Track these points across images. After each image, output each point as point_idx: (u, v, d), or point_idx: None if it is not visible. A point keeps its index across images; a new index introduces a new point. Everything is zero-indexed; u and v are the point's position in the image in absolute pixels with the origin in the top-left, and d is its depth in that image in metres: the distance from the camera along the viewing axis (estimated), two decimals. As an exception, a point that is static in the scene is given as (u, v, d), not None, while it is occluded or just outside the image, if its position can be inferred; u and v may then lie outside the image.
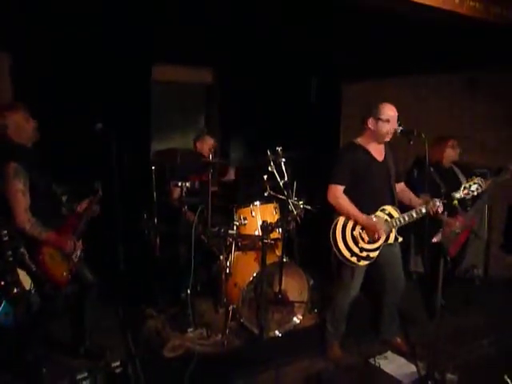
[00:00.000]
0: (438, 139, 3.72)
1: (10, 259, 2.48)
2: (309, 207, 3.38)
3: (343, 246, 2.77)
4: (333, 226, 2.79)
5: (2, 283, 2.47)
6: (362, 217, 2.77)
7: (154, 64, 4.41)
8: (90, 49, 3.90)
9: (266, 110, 4.82)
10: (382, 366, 2.86)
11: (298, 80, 5.07)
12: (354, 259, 2.78)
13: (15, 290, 2.47)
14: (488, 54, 3.81)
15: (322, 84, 5.26)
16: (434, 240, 3.29)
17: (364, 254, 2.79)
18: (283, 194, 3.28)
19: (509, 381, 2.05)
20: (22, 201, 2.46)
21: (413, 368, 2.82)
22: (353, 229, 2.80)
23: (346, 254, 2.77)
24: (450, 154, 3.67)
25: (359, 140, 2.88)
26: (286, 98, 4.93)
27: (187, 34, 3.88)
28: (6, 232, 2.48)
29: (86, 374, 2.55)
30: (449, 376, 2.57)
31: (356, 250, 2.78)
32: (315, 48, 4.21)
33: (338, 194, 2.78)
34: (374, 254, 2.82)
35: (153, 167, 3.29)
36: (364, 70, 4.82)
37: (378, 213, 2.82)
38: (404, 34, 3.71)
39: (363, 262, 2.80)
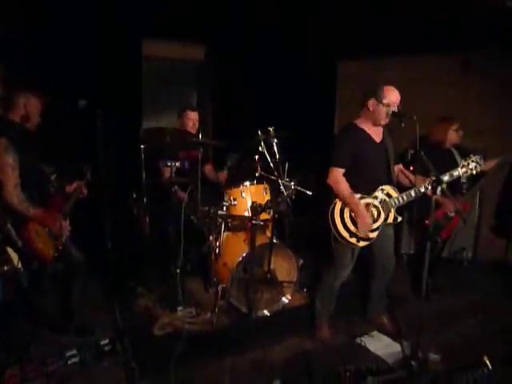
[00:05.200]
0: (442, 120, 3.68)
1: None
2: (300, 188, 3.36)
3: (342, 227, 2.77)
4: (331, 208, 2.79)
5: (-8, 261, 2.48)
6: (356, 206, 2.75)
7: (144, 38, 4.30)
8: (78, 21, 3.80)
9: (258, 88, 4.75)
10: (367, 345, 2.90)
11: (291, 57, 4.97)
12: (353, 240, 2.78)
13: (5, 268, 2.48)
14: (482, 33, 3.74)
15: (315, 63, 5.16)
16: (427, 222, 3.30)
17: (363, 234, 2.79)
18: (274, 175, 3.26)
19: (487, 362, 2.09)
20: (11, 176, 2.47)
21: (398, 347, 2.87)
22: (351, 210, 2.79)
23: (345, 235, 2.77)
24: (453, 136, 3.65)
25: (357, 121, 2.86)
26: (279, 76, 4.85)
27: (178, 7, 3.78)
28: (-5, 211, 2.48)
29: (75, 351, 2.59)
30: (432, 355, 2.62)
31: (355, 230, 2.78)
32: (308, 25, 4.12)
33: (338, 177, 2.77)
34: (373, 234, 2.82)
35: (142, 146, 3.24)
36: (359, 49, 4.74)
37: (376, 193, 2.82)
38: (398, 12, 3.64)
39: (363, 243, 2.81)
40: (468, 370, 2.09)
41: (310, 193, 3.33)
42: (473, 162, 2.88)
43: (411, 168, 3.17)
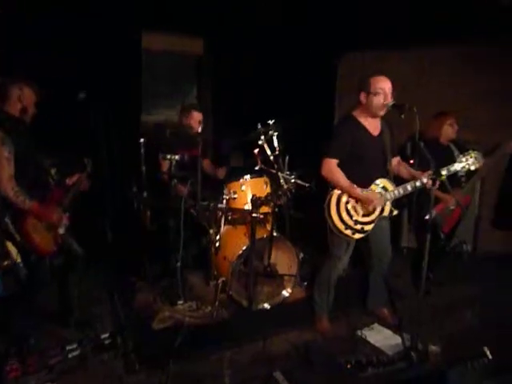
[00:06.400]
0: (437, 115, 3.66)
1: (-1, 232, 2.47)
2: (300, 181, 3.34)
3: (338, 219, 2.77)
4: (327, 200, 2.78)
5: (-8, 256, 2.47)
6: (355, 190, 2.75)
7: (143, 32, 4.28)
8: (78, 15, 3.78)
9: (258, 81, 4.72)
10: (367, 338, 2.91)
11: (290, 50, 4.94)
12: (348, 232, 2.78)
13: (6, 263, 2.47)
14: (488, 27, 3.71)
15: (316, 56, 5.13)
16: (427, 218, 3.29)
17: (358, 226, 2.79)
18: (274, 168, 3.25)
19: (487, 352, 2.10)
20: (6, 168, 2.45)
21: (398, 339, 2.86)
22: (347, 202, 2.79)
23: (341, 227, 2.77)
24: (448, 131, 3.62)
25: (355, 113, 2.85)
26: (278, 68, 4.82)
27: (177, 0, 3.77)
28: (-8, 205, 2.47)
29: (75, 346, 2.59)
30: (431, 347, 2.62)
31: (350, 223, 2.78)
32: (309, 17, 4.10)
33: (331, 167, 2.76)
34: (368, 227, 2.82)
35: (141, 139, 3.23)
36: (361, 42, 4.71)
37: (372, 186, 2.82)
38: (403, 4, 3.62)
39: (358, 235, 2.81)
40: (467, 360, 2.10)
41: (309, 186, 3.31)
42: (471, 157, 2.85)
43: (411, 161, 3.15)
